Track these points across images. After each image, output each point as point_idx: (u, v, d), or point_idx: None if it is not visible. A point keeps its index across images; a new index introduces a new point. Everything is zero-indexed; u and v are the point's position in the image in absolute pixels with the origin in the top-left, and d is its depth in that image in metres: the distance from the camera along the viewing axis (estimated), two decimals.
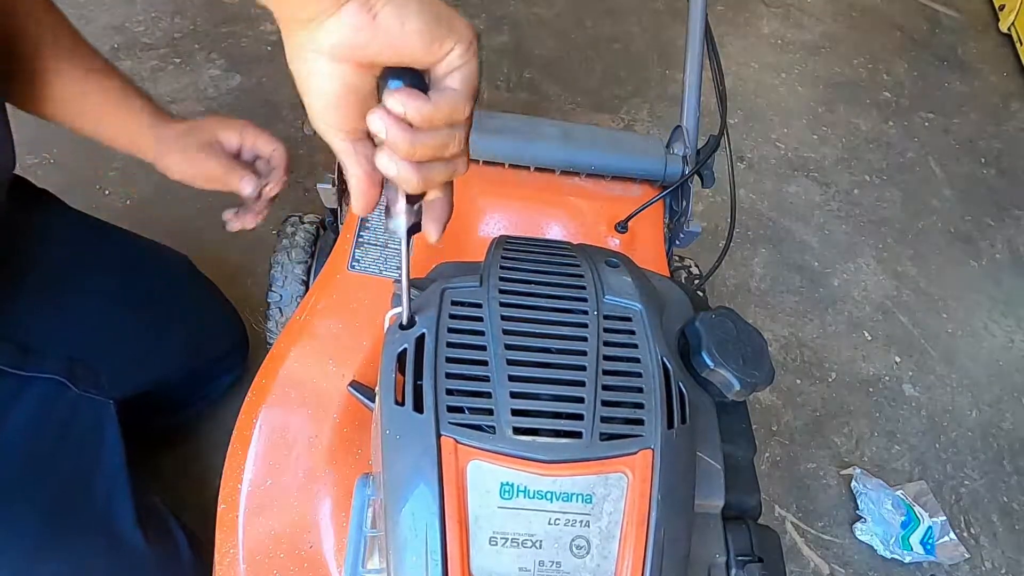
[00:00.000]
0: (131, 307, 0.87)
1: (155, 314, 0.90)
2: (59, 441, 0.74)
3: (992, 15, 2.32)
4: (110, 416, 0.79)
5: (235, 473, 0.65)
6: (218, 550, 0.63)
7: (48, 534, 0.68)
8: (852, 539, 1.20)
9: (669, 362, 0.49)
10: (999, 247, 1.71)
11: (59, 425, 0.75)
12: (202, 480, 1.03)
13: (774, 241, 1.59)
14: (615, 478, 0.44)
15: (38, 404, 0.73)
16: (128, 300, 0.87)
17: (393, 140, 0.38)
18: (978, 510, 1.29)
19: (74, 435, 0.75)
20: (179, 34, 1.60)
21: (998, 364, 1.50)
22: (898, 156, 1.85)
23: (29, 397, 0.73)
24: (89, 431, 0.77)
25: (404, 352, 0.46)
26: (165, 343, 0.90)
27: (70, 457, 0.74)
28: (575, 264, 0.54)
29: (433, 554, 0.40)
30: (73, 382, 0.76)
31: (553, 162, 0.83)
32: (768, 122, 1.81)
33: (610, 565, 0.43)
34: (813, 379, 1.39)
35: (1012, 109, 2.05)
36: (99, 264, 0.86)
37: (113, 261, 0.88)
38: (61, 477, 0.72)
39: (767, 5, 2.15)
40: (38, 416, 0.73)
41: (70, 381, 0.76)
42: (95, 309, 0.83)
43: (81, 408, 0.77)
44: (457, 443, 0.43)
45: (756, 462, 0.82)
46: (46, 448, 0.73)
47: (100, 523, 0.73)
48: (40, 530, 0.68)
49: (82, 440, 0.76)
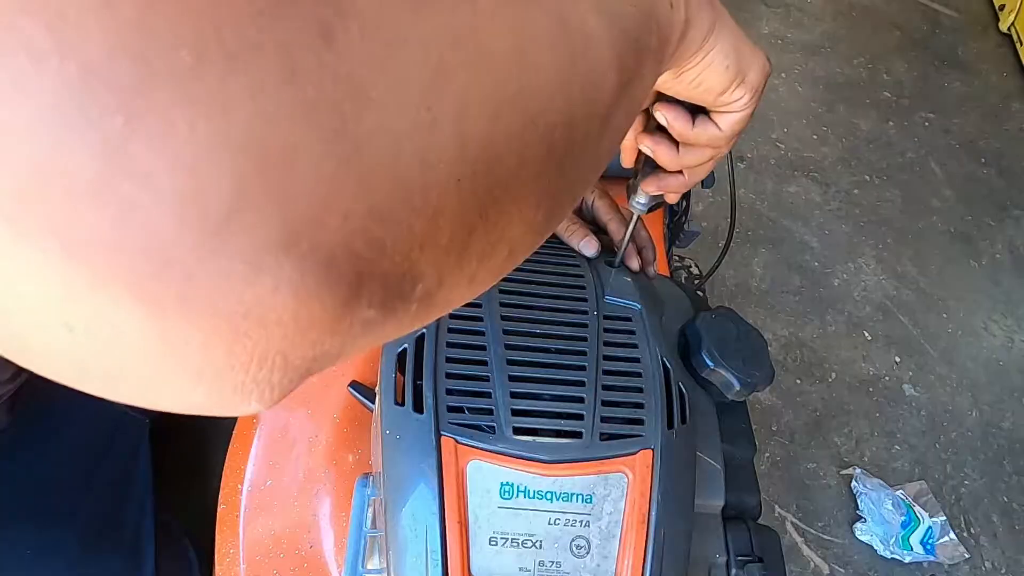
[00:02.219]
0: None
1: None
2: (101, 460, 0.74)
3: (992, 15, 2.32)
4: (144, 435, 0.79)
5: (235, 473, 0.65)
6: (218, 550, 0.63)
7: (84, 554, 0.68)
8: (852, 539, 1.20)
9: (669, 362, 0.49)
10: (999, 247, 1.71)
11: (104, 443, 0.75)
12: (202, 480, 1.03)
13: (774, 241, 1.59)
14: (615, 478, 0.44)
15: (89, 421, 0.74)
16: None
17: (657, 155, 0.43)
18: (978, 510, 1.29)
19: (115, 454, 0.76)
20: None
21: (998, 364, 1.50)
22: (898, 156, 1.85)
23: (81, 414, 0.73)
24: (128, 449, 0.77)
25: (404, 352, 0.46)
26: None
27: (109, 476, 0.74)
28: (575, 264, 0.55)
29: (433, 554, 0.41)
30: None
31: None
32: (768, 122, 1.81)
33: (610, 565, 0.43)
34: (813, 379, 1.39)
35: (1012, 109, 2.05)
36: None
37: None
38: (100, 496, 0.73)
39: (767, 5, 2.15)
40: (88, 433, 0.73)
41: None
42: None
43: (123, 426, 0.77)
44: (457, 443, 0.43)
45: (756, 462, 0.82)
46: (90, 467, 0.73)
47: (129, 542, 0.73)
48: (78, 550, 0.68)
49: (121, 459, 0.76)
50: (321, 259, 0.14)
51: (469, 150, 0.16)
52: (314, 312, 0.15)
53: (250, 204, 0.13)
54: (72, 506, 0.70)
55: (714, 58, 0.35)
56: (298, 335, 0.15)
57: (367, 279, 0.15)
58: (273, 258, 0.14)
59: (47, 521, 0.67)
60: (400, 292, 0.16)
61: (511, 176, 0.18)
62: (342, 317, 0.15)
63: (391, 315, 0.17)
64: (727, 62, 0.36)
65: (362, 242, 0.15)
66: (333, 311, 0.15)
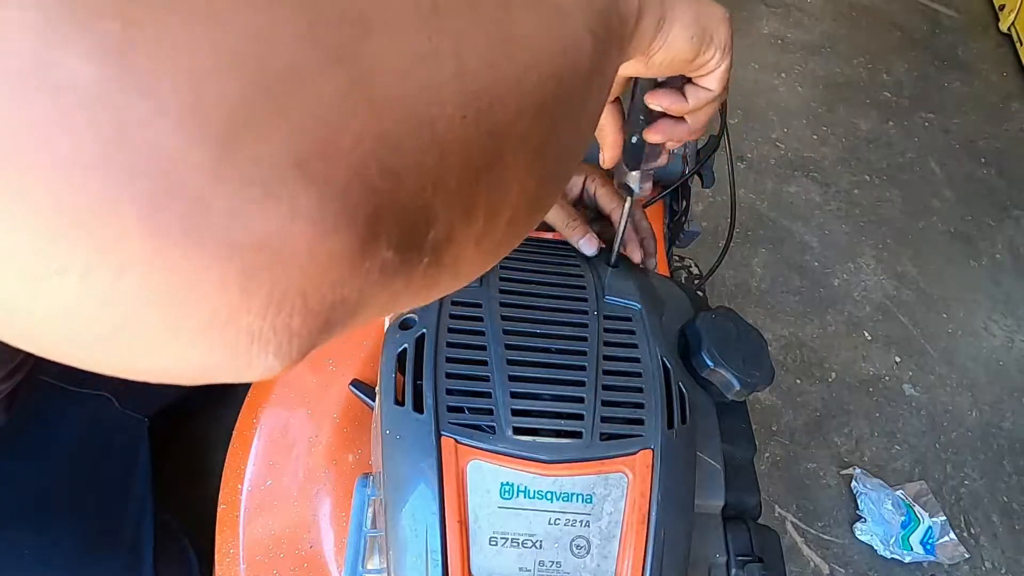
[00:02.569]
0: None
1: None
2: (101, 459, 0.74)
3: (992, 15, 2.32)
4: (144, 434, 0.79)
5: (235, 473, 0.65)
6: (218, 550, 0.63)
7: (84, 554, 0.68)
8: (852, 539, 1.20)
9: (669, 362, 0.49)
10: (999, 247, 1.71)
11: (103, 443, 0.75)
12: (202, 480, 1.03)
13: (774, 241, 1.59)
14: (615, 478, 0.44)
15: (87, 421, 0.74)
16: None
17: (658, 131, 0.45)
18: (978, 510, 1.29)
19: (114, 453, 0.76)
20: None
21: (998, 364, 1.50)
22: (898, 156, 1.85)
23: (79, 414, 0.73)
24: (127, 449, 0.77)
25: (404, 352, 0.46)
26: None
27: (109, 475, 0.74)
28: (575, 264, 0.55)
29: (433, 554, 0.41)
30: (118, 399, 0.76)
31: None
32: (768, 122, 1.81)
33: (610, 565, 0.43)
34: (813, 379, 1.39)
35: (1012, 109, 2.05)
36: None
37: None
38: (100, 495, 0.72)
39: (767, 5, 2.15)
40: (86, 433, 0.73)
41: (116, 398, 0.76)
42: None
43: (122, 426, 0.77)
44: (457, 443, 0.43)
45: (756, 462, 0.82)
46: (90, 466, 0.73)
47: (129, 542, 0.73)
48: (79, 546, 0.68)
49: (121, 459, 0.76)
50: (338, 189, 0.14)
51: (470, 85, 0.16)
52: (333, 247, 0.14)
53: (257, 120, 0.12)
54: (71, 507, 0.70)
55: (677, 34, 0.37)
56: (317, 273, 0.14)
57: (384, 214, 0.15)
58: (287, 182, 0.13)
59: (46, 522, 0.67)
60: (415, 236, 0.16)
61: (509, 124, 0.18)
62: (361, 255, 0.15)
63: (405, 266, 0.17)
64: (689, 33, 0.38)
65: (376, 171, 0.14)
66: (352, 247, 0.14)
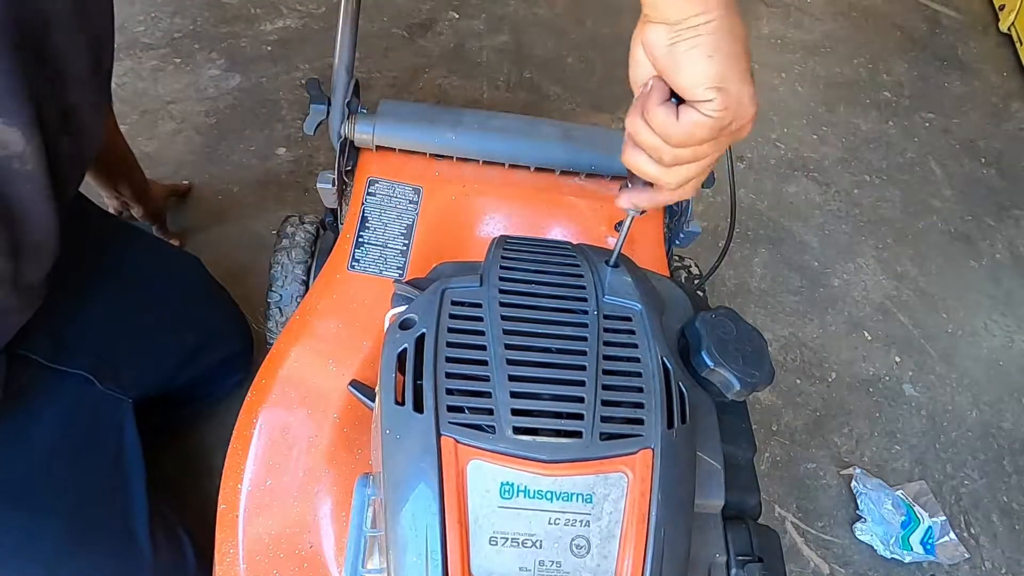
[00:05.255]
0: (149, 309, 0.88)
1: (171, 316, 0.90)
2: (85, 440, 0.74)
3: (992, 15, 2.32)
4: (129, 415, 0.79)
5: (235, 473, 0.65)
6: (218, 550, 0.63)
7: (71, 536, 0.68)
8: (852, 539, 1.20)
9: (669, 362, 0.49)
10: (999, 247, 1.71)
11: (86, 424, 0.75)
12: (202, 480, 1.03)
13: (774, 241, 1.59)
14: (615, 478, 0.44)
15: (68, 401, 0.74)
16: (146, 302, 0.88)
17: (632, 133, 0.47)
18: (978, 510, 1.29)
19: (99, 434, 0.76)
20: (179, 34, 1.60)
21: (998, 364, 1.50)
22: (898, 156, 1.85)
23: (61, 393, 0.73)
24: (112, 430, 0.77)
25: (404, 352, 0.46)
26: (179, 344, 0.91)
27: (94, 456, 0.74)
28: (575, 264, 0.55)
29: (433, 554, 0.41)
30: (99, 379, 0.76)
31: (553, 162, 0.83)
32: (768, 122, 1.81)
33: (610, 565, 0.43)
34: (813, 379, 1.39)
35: (1012, 109, 2.05)
36: (121, 266, 0.87)
37: (133, 263, 0.89)
38: (86, 477, 0.72)
39: (767, 5, 2.15)
40: (68, 413, 0.73)
41: (96, 378, 0.76)
42: (116, 310, 0.83)
43: (104, 407, 0.77)
44: (457, 443, 0.43)
45: (756, 462, 0.82)
46: (73, 446, 0.73)
47: (118, 526, 0.73)
48: (65, 531, 0.67)
49: (106, 439, 0.76)
50: None
51: None
52: None
53: None
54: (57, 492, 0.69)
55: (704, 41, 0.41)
56: None
57: None
58: None
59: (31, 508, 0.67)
60: None
61: None
62: None
63: None
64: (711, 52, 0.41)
65: None
66: None
